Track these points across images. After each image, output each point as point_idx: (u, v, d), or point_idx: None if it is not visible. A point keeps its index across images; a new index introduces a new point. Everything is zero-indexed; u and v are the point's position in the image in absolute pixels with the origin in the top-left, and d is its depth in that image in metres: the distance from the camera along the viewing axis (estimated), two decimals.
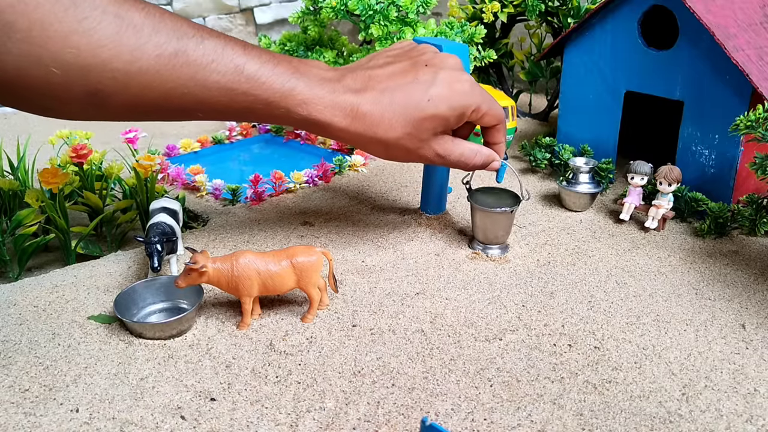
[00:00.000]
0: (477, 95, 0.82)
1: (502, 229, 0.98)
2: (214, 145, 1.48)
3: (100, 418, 0.67)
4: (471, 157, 0.87)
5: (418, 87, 0.79)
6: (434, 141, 0.82)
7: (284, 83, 0.75)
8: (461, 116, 0.82)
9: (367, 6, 1.25)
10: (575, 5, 1.46)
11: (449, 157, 0.84)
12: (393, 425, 0.66)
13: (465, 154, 0.86)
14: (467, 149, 0.86)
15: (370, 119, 0.78)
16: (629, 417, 0.67)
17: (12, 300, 0.87)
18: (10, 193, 1.03)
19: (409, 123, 0.79)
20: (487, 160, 0.89)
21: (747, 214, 1.03)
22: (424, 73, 0.80)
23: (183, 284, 0.79)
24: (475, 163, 0.88)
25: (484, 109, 0.84)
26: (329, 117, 0.77)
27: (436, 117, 0.79)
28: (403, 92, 0.79)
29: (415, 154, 0.83)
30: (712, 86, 1.06)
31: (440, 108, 0.79)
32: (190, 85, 0.71)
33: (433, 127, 0.80)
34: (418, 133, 0.80)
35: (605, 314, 0.85)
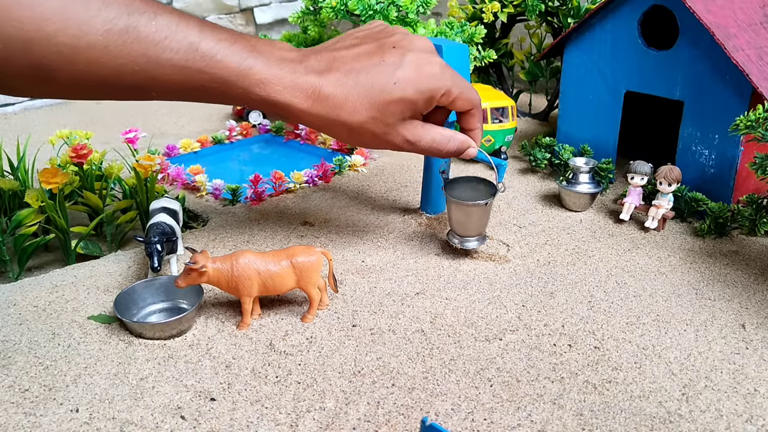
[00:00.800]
0: (447, 78, 0.79)
1: (478, 221, 0.95)
2: (214, 145, 1.48)
3: (100, 418, 0.67)
4: (444, 144, 0.83)
5: (384, 69, 0.76)
6: (402, 126, 0.79)
7: (241, 62, 0.72)
8: (430, 100, 0.78)
9: (367, 6, 1.25)
10: (575, 5, 1.46)
11: (419, 143, 0.81)
12: (393, 425, 0.66)
13: (437, 140, 0.82)
14: (439, 135, 0.83)
15: (332, 101, 0.75)
16: (629, 417, 0.67)
17: (12, 300, 0.87)
18: (10, 193, 1.03)
19: (374, 106, 0.76)
20: (462, 147, 0.86)
21: (747, 214, 1.03)
22: (391, 55, 0.77)
23: (183, 284, 0.79)
24: (448, 150, 0.84)
25: (455, 93, 0.80)
26: (289, 98, 0.74)
27: (402, 100, 0.76)
28: (368, 74, 0.76)
29: (382, 140, 0.80)
30: (712, 86, 1.06)
31: (407, 91, 0.76)
32: (142, 62, 0.68)
33: (400, 111, 0.77)
34: (384, 118, 0.77)
35: (605, 314, 0.85)
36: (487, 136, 1.34)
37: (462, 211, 0.94)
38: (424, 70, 0.77)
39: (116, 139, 1.51)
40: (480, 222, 0.96)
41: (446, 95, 0.80)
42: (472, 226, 0.96)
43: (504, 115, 1.35)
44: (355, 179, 1.29)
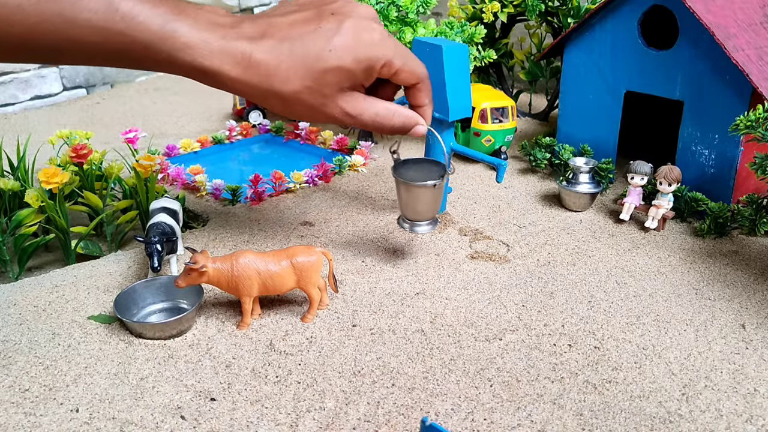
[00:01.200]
0: (388, 47, 0.74)
1: (427, 203, 0.90)
2: (214, 145, 1.48)
3: (100, 418, 0.67)
4: (388, 118, 0.78)
5: (319, 36, 0.72)
6: (341, 98, 0.74)
7: (164, 24, 0.67)
8: (369, 70, 0.74)
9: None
10: (575, 5, 1.46)
11: (361, 116, 0.76)
12: (393, 425, 0.66)
13: (380, 114, 0.77)
14: (383, 108, 0.77)
15: (264, 69, 0.70)
16: (629, 417, 0.67)
17: (12, 300, 0.87)
18: (10, 193, 1.03)
19: (309, 75, 0.71)
20: (408, 123, 0.80)
21: (747, 214, 1.03)
22: (328, 22, 0.73)
23: (183, 284, 0.79)
24: (393, 125, 0.79)
25: (397, 64, 0.75)
26: (217, 64, 0.70)
27: (339, 69, 0.72)
28: (303, 41, 0.71)
29: (319, 112, 0.75)
30: (712, 86, 1.06)
31: (344, 59, 0.71)
32: (58, 22, 0.64)
33: (336, 81, 0.73)
34: (320, 87, 0.72)
35: (605, 314, 0.85)
36: (487, 136, 1.34)
37: (411, 194, 0.89)
38: (363, 38, 0.73)
39: (116, 139, 1.51)
40: (430, 205, 0.91)
41: (387, 66, 0.75)
42: (422, 208, 0.91)
43: (504, 115, 1.35)
44: (355, 179, 1.29)
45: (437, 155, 1.06)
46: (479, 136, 1.34)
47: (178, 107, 1.85)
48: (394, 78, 0.78)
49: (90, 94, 2.05)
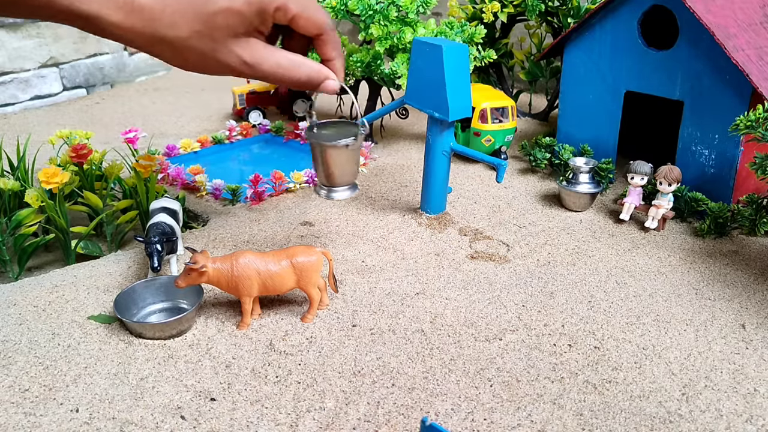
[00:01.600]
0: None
1: (343, 166, 0.85)
2: (214, 145, 1.48)
3: (100, 418, 0.67)
4: (291, 69, 0.73)
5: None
6: (236, 44, 0.69)
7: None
8: (262, 13, 0.69)
9: (367, 6, 1.25)
10: (575, 5, 1.46)
11: (260, 66, 0.71)
12: (393, 425, 0.66)
13: (283, 64, 0.72)
14: (285, 59, 0.72)
15: (149, 13, 0.66)
16: (629, 417, 0.67)
17: (12, 300, 0.87)
18: (10, 193, 1.03)
19: (198, 18, 0.67)
20: (316, 76, 0.74)
21: (747, 214, 1.03)
22: None
23: (183, 284, 0.79)
24: (298, 78, 0.73)
25: (294, 10, 0.70)
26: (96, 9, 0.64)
27: (229, 11, 0.67)
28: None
29: (212, 60, 0.70)
30: (712, 86, 1.06)
31: (235, 1, 0.67)
32: None
33: (227, 25, 0.68)
34: (210, 32, 0.68)
35: (605, 314, 0.85)
36: (487, 136, 1.34)
37: (324, 155, 0.84)
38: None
39: (116, 139, 1.51)
40: (345, 168, 0.86)
41: (282, 10, 0.70)
42: (337, 171, 0.85)
43: (504, 115, 1.35)
44: None
45: (437, 155, 1.06)
46: (479, 136, 1.34)
47: (178, 107, 1.85)
48: (293, 25, 0.73)
49: (90, 94, 2.05)
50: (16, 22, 1.87)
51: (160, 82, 2.14)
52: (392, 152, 1.44)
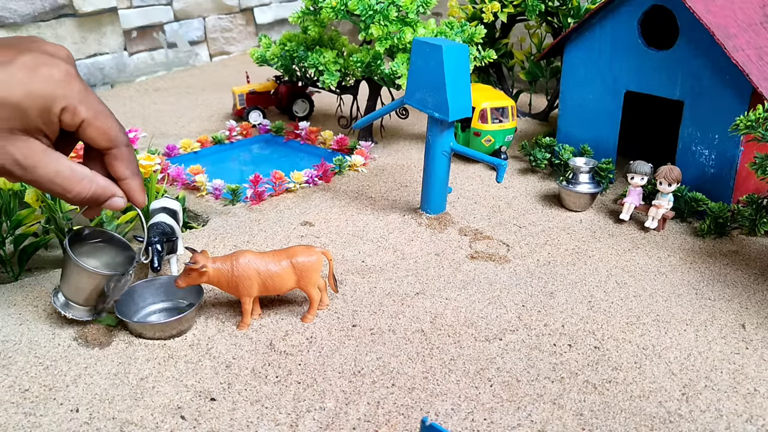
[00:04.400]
0: (73, 90, 0.61)
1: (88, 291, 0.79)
2: (214, 145, 1.48)
3: (100, 418, 0.67)
4: (72, 181, 0.63)
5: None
6: (10, 142, 0.60)
7: None
8: (45, 112, 0.60)
9: (367, 6, 1.25)
10: (575, 5, 1.46)
11: (35, 170, 0.61)
12: (393, 425, 0.66)
13: (63, 174, 0.62)
14: (68, 169, 0.62)
15: None
16: (629, 417, 0.67)
17: (12, 300, 0.87)
18: (10, 193, 1.03)
19: None
20: (100, 194, 0.65)
21: (747, 214, 1.03)
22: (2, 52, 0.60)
23: (183, 284, 0.79)
24: (79, 193, 0.63)
25: (83, 114, 0.61)
26: None
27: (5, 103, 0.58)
28: None
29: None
30: (712, 86, 1.06)
31: (13, 91, 0.58)
32: None
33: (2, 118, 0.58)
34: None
35: (605, 314, 0.85)
36: (487, 136, 1.34)
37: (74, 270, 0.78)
38: (41, 71, 0.60)
39: None
40: (90, 293, 0.79)
41: (69, 112, 0.61)
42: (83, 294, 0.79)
43: (504, 115, 1.35)
44: (355, 179, 1.29)
45: (437, 155, 1.06)
46: (479, 136, 1.34)
47: (179, 107, 1.85)
48: (80, 133, 0.63)
49: None
50: (16, 22, 1.87)
51: (161, 82, 2.14)
52: (392, 152, 1.44)
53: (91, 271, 0.76)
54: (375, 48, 1.32)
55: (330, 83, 1.38)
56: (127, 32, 2.12)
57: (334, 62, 1.39)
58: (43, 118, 0.60)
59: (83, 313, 0.80)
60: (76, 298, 0.79)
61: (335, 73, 1.38)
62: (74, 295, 0.79)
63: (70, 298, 0.79)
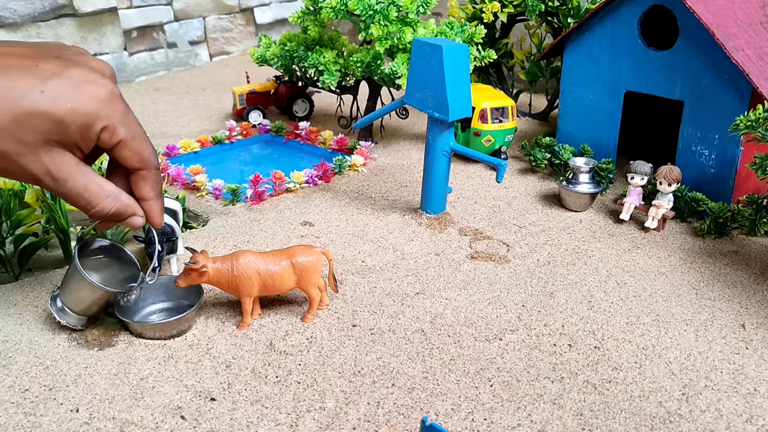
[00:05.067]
0: (116, 110, 0.62)
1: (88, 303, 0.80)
2: (214, 145, 1.48)
3: (100, 418, 0.67)
4: (98, 198, 0.65)
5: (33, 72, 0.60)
6: (47, 153, 0.61)
7: None
8: (86, 129, 0.61)
9: (367, 6, 1.25)
10: (575, 5, 1.46)
11: (65, 183, 0.62)
12: (393, 425, 0.66)
13: (91, 189, 0.64)
14: (96, 185, 0.64)
15: None
16: (629, 417, 0.67)
17: (12, 300, 0.87)
18: (10, 193, 1.03)
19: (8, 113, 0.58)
20: (123, 211, 0.67)
21: (747, 214, 1.03)
22: (48, 63, 0.61)
23: (183, 284, 0.79)
24: (102, 208, 0.65)
25: (122, 134, 0.63)
26: None
27: (48, 116, 0.59)
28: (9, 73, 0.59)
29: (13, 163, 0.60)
30: (712, 86, 1.06)
31: (57, 105, 0.59)
32: None
33: (43, 130, 0.59)
34: (20, 132, 0.59)
35: (605, 314, 0.85)
36: (487, 136, 1.34)
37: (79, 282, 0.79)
38: (87, 89, 0.61)
39: None
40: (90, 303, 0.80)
41: (109, 131, 0.62)
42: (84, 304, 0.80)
43: (504, 115, 1.35)
44: (355, 179, 1.29)
45: (437, 155, 1.06)
46: (479, 136, 1.34)
47: (179, 107, 1.85)
48: (115, 152, 0.65)
49: None
50: (16, 22, 1.87)
51: (161, 82, 2.14)
52: (392, 152, 1.44)
53: (96, 286, 0.77)
54: (375, 48, 1.32)
55: (330, 83, 1.38)
56: (127, 32, 2.12)
57: (334, 62, 1.39)
58: (82, 135, 0.61)
59: (77, 321, 0.80)
60: (73, 307, 0.80)
61: (335, 73, 1.38)
62: (72, 303, 0.79)
63: (68, 305, 0.80)
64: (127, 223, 0.68)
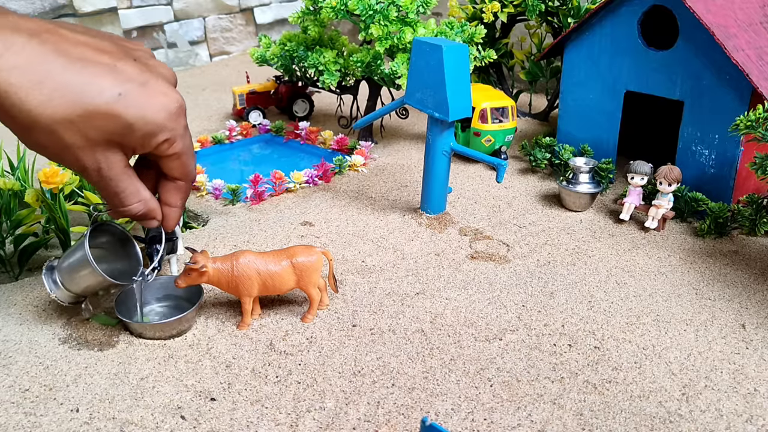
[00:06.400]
0: (179, 126, 0.65)
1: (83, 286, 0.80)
2: (214, 145, 1.48)
3: (100, 418, 0.67)
4: (132, 200, 0.67)
5: (111, 73, 0.59)
6: (102, 151, 0.61)
7: None
8: (149, 137, 0.63)
9: (367, 6, 1.25)
10: (575, 5, 1.46)
11: (110, 182, 0.64)
12: (393, 425, 0.66)
13: (128, 191, 0.66)
14: (135, 189, 0.67)
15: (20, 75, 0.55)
16: (629, 417, 0.67)
17: (12, 300, 0.87)
18: (10, 193, 1.03)
19: (80, 107, 0.57)
20: (147, 215, 0.70)
21: (747, 214, 1.03)
22: (126, 64, 0.61)
23: (183, 284, 0.79)
24: (130, 210, 0.68)
25: (177, 148, 0.66)
26: None
27: (119, 119, 0.59)
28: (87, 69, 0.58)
29: (70, 154, 0.60)
30: (712, 86, 1.06)
31: (130, 110, 0.60)
32: None
33: (109, 131, 0.60)
34: (87, 128, 0.59)
35: (605, 314, 0.85)
36: (487, 136, 1.34)
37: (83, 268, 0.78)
38: (160, 100, 0.62)
39: None
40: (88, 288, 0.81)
41: (169, 143, 0.65)
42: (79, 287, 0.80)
43: (504, 115, 1.35)
44: (355, 179, 1.29)
45: (437, 155, 1.06)
46: (479, 136, 1.34)
47: None
48: (165, 161, 0.67)
49: None
50: None
51: None
52: (392, 152, 1.44)
53: (98, 273, 0.77)
54: (375, 48, 1.32)
55: (330, 83, 1.38)
56: (127, 32, 2.12)
57: (334, 62, 1.39)
58: (143, 141, 0.63)
59: (66, 298, 0.81)
60: (69, 285, 0.80)
61: (335, 73, 1.38)
62: (69, 281, 0.80)
63: (64, 281, 0.80)
64: (143, 223, 0.71)
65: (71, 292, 0.80)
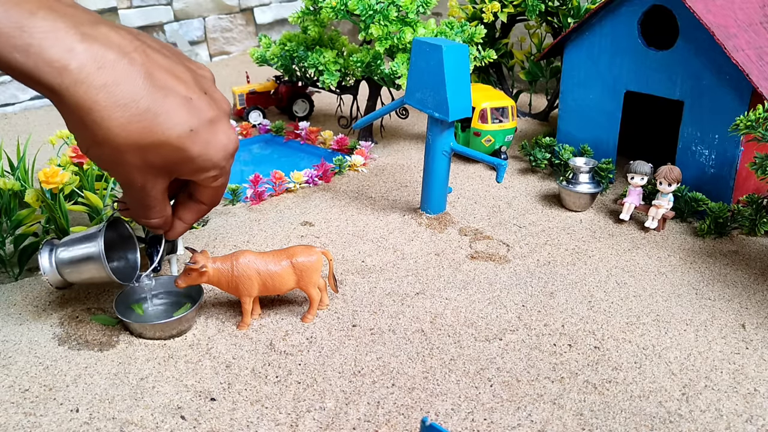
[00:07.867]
0: (229, 164, 0.69)
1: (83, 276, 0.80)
2: None
3: (100, 418, 0.67)
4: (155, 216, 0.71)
5: (186, 107, 0.62)
6: (154, 178, 0.65)
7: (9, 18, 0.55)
8: (203, 171, 0.66)
9: (367, 6, 1.25)
10: (575, 5, 1.46)
11: (146, 199, 0.67)
12: (393, 425, 0.66)
13: (155, 209, 0.70)
14: (162, 207, 0.70)
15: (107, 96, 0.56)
16: (629, 417, 0.67)
17: (12, 300, 0.87)
18: (10, 193, 1.03)
19: (154, 136, 0.60)
20: (161, 227, 0.74)
21: (747, 214, 1.03)
22: (201, 99, 0.64)
23: (183, 284, 0.79)
24: (149, 222, 0.72)
25: (219, 182, 0.70)
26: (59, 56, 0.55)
27: (183, 153, 0.62)
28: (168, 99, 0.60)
29: (123, 171, 0.63)
30: (712, 86, 1.06)
31: (195, 147, 0.63)
32: None
33: (169, 161, 0.63)
34: (151, 153, 0.61)
35: (605, 314, 0.85)
36: (487, 136, 1.34)
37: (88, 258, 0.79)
38: (221, 141, 0.65)
39: None
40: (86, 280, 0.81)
41: (214, 178, 0.69)
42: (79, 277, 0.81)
43: (504, 115, 1.35)
44: (355, 179, 1.29)
45: (437, 155, 1.06)
46: (479, 136, 1.34)
47: None
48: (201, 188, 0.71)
49: None
50: None
51: None
52: (392, 152, 1.44)
53: (105, 271, 0.78)
54: (375, 48, 1.32)
55: (330, 83, 1.38)
56: None
57: (334, 62, 1.39)
58: (195, 173, 0.66)
59: (57, 282, 0.81)
60: (66, 271, 0.80)
61: (335, 73, 1.38)
62: (68, 268, 0.80)
63: (61, 266, 0.80)
64: (150, 228, 0.74)
65: (63, 275, 0.80)
